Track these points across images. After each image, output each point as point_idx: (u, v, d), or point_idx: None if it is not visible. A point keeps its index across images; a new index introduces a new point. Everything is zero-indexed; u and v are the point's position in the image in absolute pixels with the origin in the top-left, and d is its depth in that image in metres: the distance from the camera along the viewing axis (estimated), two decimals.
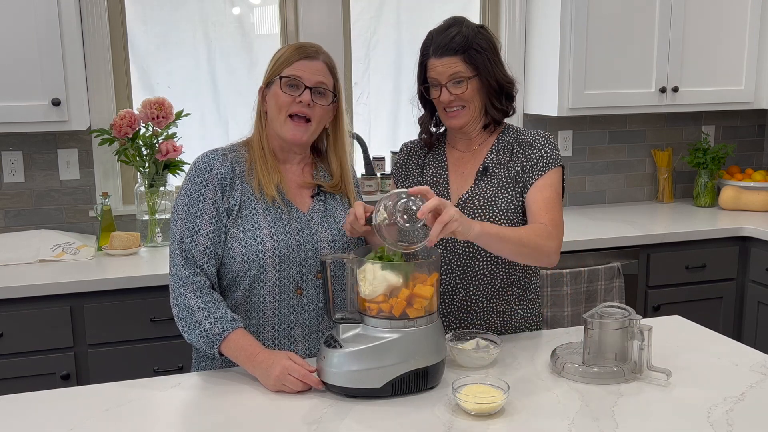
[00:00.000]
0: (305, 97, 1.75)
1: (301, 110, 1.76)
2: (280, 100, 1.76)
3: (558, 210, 1.84)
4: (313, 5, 3.28)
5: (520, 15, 3.50)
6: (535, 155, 1.87)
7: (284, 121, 1.77)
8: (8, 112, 2.65)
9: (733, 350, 1.83)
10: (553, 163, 1.87)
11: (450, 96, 1.84)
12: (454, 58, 1.82)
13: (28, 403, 1.60)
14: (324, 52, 1.82)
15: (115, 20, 3.10)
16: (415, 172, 2.00)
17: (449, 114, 1.88)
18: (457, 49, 1.81)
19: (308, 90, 1.75)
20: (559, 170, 1.88)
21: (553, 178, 1.86)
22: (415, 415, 1.50)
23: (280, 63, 1.78)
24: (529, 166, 1.87)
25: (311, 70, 1.77)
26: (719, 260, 3.26)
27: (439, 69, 1.83)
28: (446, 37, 1.82)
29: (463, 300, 1.91)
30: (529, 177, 1.86)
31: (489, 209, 1.85)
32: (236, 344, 1.68)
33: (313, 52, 1.79)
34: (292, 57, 1.77)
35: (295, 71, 1.76)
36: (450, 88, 1.83)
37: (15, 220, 3.03)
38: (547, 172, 1.85)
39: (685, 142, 3.90)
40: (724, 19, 3.45)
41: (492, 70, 1.85)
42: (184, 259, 1.73)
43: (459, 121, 1.88)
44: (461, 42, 1.81)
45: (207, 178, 1.75)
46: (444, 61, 1.82)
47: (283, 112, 1.76)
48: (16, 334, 2.49)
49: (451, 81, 1.83)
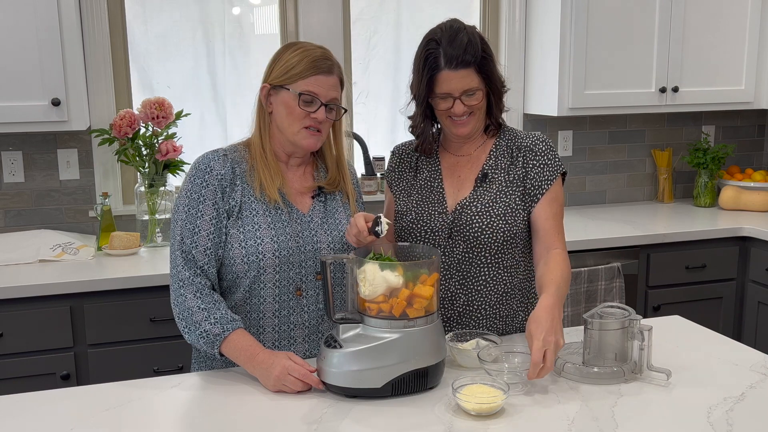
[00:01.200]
0: (320, 115, 1.74)
1: (314, 124, 1.76)
2: (294, 112, 1.74)
3: (563, 226, 1.88)
4: (313, 5, 3.28)
5: (520, 15, 3.49)
6: (538, 163, 1.87)
7: (298, 131, 1.76)
8: (8, 112, 2.65)
9: (733, 350, 1.83)
10: (556, 172, 1.87)
11: (464, 108, 1.81)
12: (468, 70, 1.77)
13: (28, 403, 1.60)
14: (337, 63, 1.80)
15: (115, 20, 3.10)
16: (408, 175, 1.99)
17: (457, 122, 1.84)
18: (471, 61, 1.77)
19: (323, 107, 1.75)
20: (560, 179, 1.89)
21: (557, 190, 1.87)
22: (415, 415, 1.50)
23: (294, 73, 1.73)
24: (533, 174, 1.86)
25: (327, 86, 1.75)
26: (719, 260, 3.26)
27: (453, 83, 1.78)
28: (459, 48, 1.76)
29: (463, 305, 1.90)
30: (536, 190, 1.86)
31: (487, 214, 1.85)
32: (236, 345, 1.68)
33: (328, 67, 1.76)
34: (308, 70, 1.73)
35: (312, 87, 1.73)
36: (464, 101, 1.80)
37: (15, 220, 3.03)
38: (551, 186, 1.86)
39: (685, 142, 3.90)
40: (724, 19, 3.45)
41: (497, 75, 1.84)
42: (184, 260, 1.73)
43: (467, 128, 1.85)
44: (474, 52, 1.77)
45: (207, 179, 1.75)
46: (459, 73, 1.77)
47: (297, 123, 1.75)
48: (16, 334, 2.49)
49: (465, 94, 1.80)
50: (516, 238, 1.86)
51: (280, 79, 1.75)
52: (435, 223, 1.88)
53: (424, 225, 1.89)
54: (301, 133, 1.76)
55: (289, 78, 1.74)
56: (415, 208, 1.92)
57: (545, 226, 1.85)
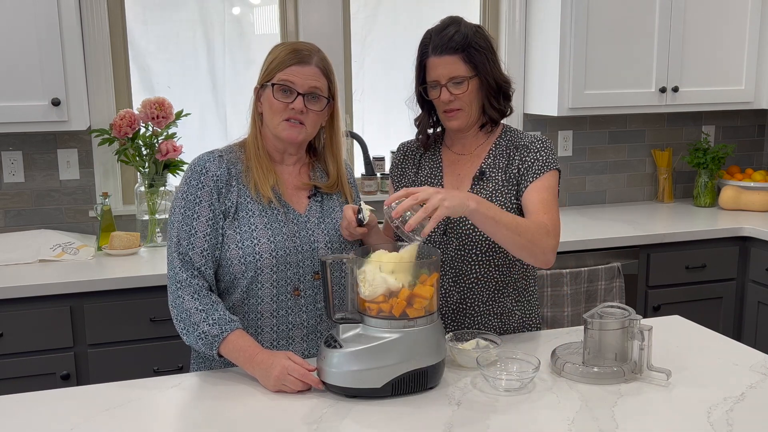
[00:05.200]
0: (297, 104, 1.74)
1: (294, 116, 1.75)
2: (273, 105, 1.75)
3: (556, 211, 1.83)
4: (312, 5, 3.28)
5: (520, 15, 3.49)
6: (531, 157, 1.87)
7: (279, 123, 1.76)
8: (8, 112, 2.65)
9: (733, 350, 1.83)
10: (549, 166, 1.86)
11: (450, 96, 1.83)
12: (453, 57, 1.81)
13: (28, 403, 1.60)
14: (319, 53, 1.79)
15: (115, 20, 3.10)
16: (410, 172, 2.00)
17: (448, 115, 1.87)
18: (457, 48, 1.81)
19: (301, 97, 1.74)
20: (555, 173, 1.87)
21: (549, 180, 1.85)
22: (415, 415, 1.50)
23: (274, 66, 1.75)
24: (524, 168, 1.86)
25: (304, 75, 1.75)
26: (719, 260, 3.26)
27: (439, 69, 1.82)
28: (445, 36, 1.81)
29: (457, 302, 1.91)
30: (525, 179, 1.86)
31: None
32: (235, 345, 1.68)
33: (306, 56, 1.76)
34: (285, 61, 1.75)
35: (288, 77, 1.74)
36: (450, 88, 1.83)
37: (15, 220, 3.03)
38: (543, 175, 1.85)
39: (685, 142, 3.90)
40: (724, 19, 3.45)
41: (491, 69, 1.85)
42: (181, 261, 1.73)
43: (457, 122, 1.88)
44: (461, 40, 1.80)
45: (203, 180, 1.75)
46: (444, 60, 1.81)
47: (277, 117, 1.76)
48: (16, 334, 2.49)
49: (451, 81, 1.82)
50: None
51: (264, 77, 1.78)
52: None
53: None
54: (281, 125, 1.76)
55: (269, 73, 1.77)
56: None
57: (530, 208, 1.81)
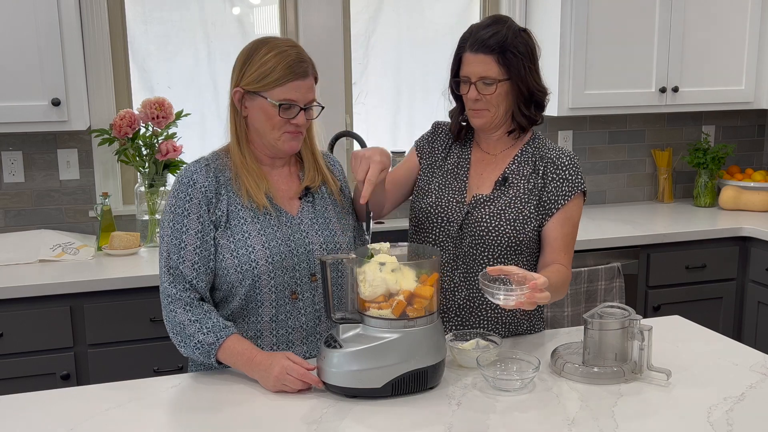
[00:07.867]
0: (300, 120, 1.72)
1: (295, 130, 1.74)
2: (274, 120, 1.71)
3: (573, 247, 1.89)
4: (312, 5, 3.27)
5: (520, 15, 3.49)
6: (558, 177, 1.87)
7: (279, 136, 1.74)
8: (8, 112, 2.65)
9: (733, 350, 1.83)
10: (576, 188, 1.86)
11: (477, 95, 1.83)
12: (488, 57, 1.80)
13: (28, 403, 1.60)
14: (310, 61, 1.75)
15: (115, 20, 3.10)
16: (439, 153, 2.00)
17: (473, 112, 1.87)
18: (493, 48, 1.80)
19: (302, 111, 1.73)
20: (580, 198, 1.88)
21: (574, 209, 1.87)
22: (415, 415, 1.50)
23: (270, 81, 1.68)
24: (551, 188, 1.86)
25: (304, 89, 1.72)
26: (719, 260, 3.26)
27: (472, 66, 1.82)
28: (485, 34, 1.81)
29: (464, 299, 1.90)
30: (551, 204, 1.86)
31: (497, 217, 1.85)
32: (233, 350, 1.67)
33: (304, 70, 1.71)
34: (284, 77, 1.68)
35: (290, 95, 1.70)
36: (479, 87, 1.82)
37: (15, 220, 3.03)
38: (569, 201, 1.85)
39: (685, 142, 3.90)
40: (724, 19, 3.45)
41: (525, 76, 1.83)
42: (171, 276, 1.71)
43: (481, 120, 1.87)
44: (498, 41, 1.80)
45: (190, 193, 1.72)
46: (478, 57, 1.81)
47: (277, 130, 1.73)
48: (16, 334, 2.49)
49: (482, 81, 1.82)
50: (522, 245, 1.86)
51: (256, 85, 1.70)
52: (452, 212, 1.90)
53: (441, 211, 1.91)
54: (282, 138, 1.74)
55: (264, 85, 1.69)
56: (435, 192, 1.94)
57: (554, 245, 1.86)
